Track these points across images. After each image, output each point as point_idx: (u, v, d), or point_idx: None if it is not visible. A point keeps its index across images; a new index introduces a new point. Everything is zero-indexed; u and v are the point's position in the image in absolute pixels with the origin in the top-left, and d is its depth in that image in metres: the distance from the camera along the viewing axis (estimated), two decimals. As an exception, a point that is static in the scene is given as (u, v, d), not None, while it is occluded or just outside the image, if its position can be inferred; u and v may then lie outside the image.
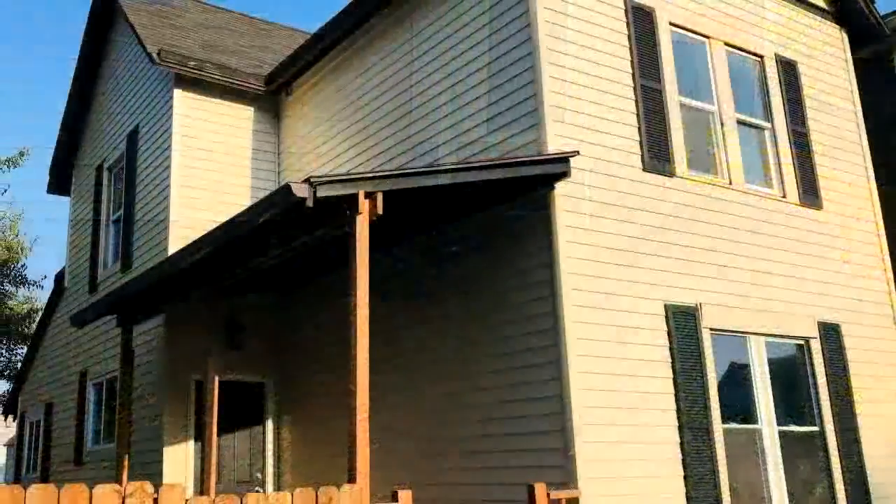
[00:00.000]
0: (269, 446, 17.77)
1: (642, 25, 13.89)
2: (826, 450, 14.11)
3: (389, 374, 14.12)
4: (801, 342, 14.53)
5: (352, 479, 9.56)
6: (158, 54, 17.78)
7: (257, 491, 16.83)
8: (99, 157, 22.57)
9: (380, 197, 10.26)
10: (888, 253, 16.38)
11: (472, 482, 12.69)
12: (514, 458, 12.08)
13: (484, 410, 12.69)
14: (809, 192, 15.45)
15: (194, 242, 12.64)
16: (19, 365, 33.98)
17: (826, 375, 14.49)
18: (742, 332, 13.68)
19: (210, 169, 18.17)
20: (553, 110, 12.41)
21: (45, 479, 23.43)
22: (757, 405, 13.57)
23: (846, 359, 14.87)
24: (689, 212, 13.55)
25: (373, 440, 9.90)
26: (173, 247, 16.83)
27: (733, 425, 13.09)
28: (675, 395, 12.44)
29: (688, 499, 12.05)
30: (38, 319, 31.54)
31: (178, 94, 18.20)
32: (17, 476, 27.69)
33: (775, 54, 15.91)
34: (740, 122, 15.03)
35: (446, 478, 13.13)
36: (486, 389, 12.71)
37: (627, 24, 13.76)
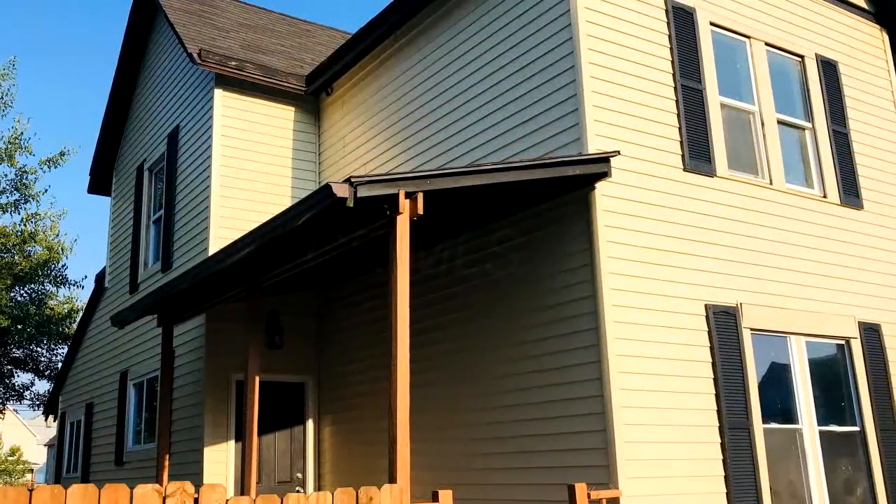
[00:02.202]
0: (310, 446, 17.81)
1: (683, 25, 13.88)
2: (866, 449, 14.06)
3: (428, 373, 14.18)
4: (842, 342, 14.48)
5: (392, 479, 9.56)
6: (199, 54, 17.84)
7: (298, 491, 16.90)
8: (139, 157, 22.69)
9: (420, 197, 10.27)
10: (929, 253, 16.31)
11: (512, 482, 12.71)
12: (553, 458, 12.10)
13: (524, 411, 12.71)
14: (850, 193, 15.40)
15: (235, 242, 12.64)
16: (60, 365, 34.09)
17: (866, 375, 14.43)
18: (782, 333, 13.65)
19: (250, 169, 18.23)
20: (594, 110, 12.42)
21: (85, 479, 23.56)
22: (797, 405, 13.54)
23: (886, 359, 14.81)
24: (729, 212, 13.52)
25: (412, 440, 9.91)
26: (214, 247, 16.95)
27: (774, 425, 13.07)
28: (716, 396, 12.43)
29: (728, 499, 12.05)
30: (78, 319, 31.63)
31: (219, 94, 18.26)
32: (58, 476, 27.71)
33: (816, 54, 15.86)
34: (781, 122, 14.99)
35: (486, 478, 13.15)
36: (525, 390, 12.73)
37: (668, 24, 13.75)
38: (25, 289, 37.91)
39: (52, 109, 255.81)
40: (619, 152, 12.22)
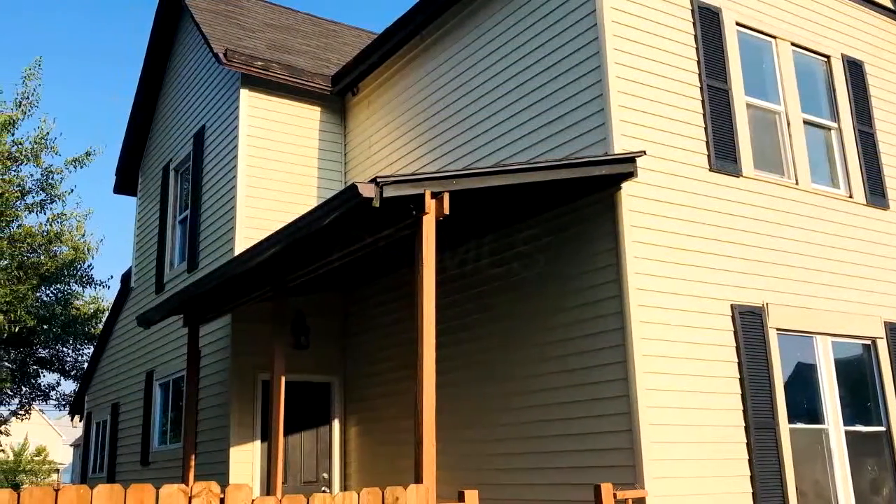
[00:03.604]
0: (336, 446, 17.84)
1: (709, 25, 13.87)
2: (892, 449, 14.03)
3: (454, 374, 14.20)
4: (868, 342, 14.45)
5: (418, 479, 9.56)
6: (225, 54, 17.90)
7: (324, 491, 16.94)
8: (165, 157, 22.79)
9: (446, 197, 10.26)
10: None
11: (538, 482, 12.73)
12: (579, 458, 12.11)
13: (549, 411, 12.73)
14: (876, 193, 15.37)
15: (261, 242, 12.69)
16: (86, 365, 34.18)
17: (892, 375, 14.39)
18: (808, 333, 13.63)
19: (276, 169, 18.27)
20: (620, 110, 12.43)
21: (111, 479, 23.68)
22: (823, 405, 13.52)
23: (913, 359, 14.79)
24: (755, 212, 13.52)
25: (438, 440, 9.93)
26: (240, 247, 16.98)
27: (799, 425, 13.05)
28: (742, 396, 12.43)
29: (754, 499, 12.04)
30: (104, 320, 31.75)
31: (245, 95, 18.31)
32: (84, 476, 27.80)
33: (842, 54, 15.83)
34: (806, 122, 14.96)
35: (511, 478, 13.18)
36: (551, 389, 12.75)
37: (694, 24, 13.75)
38: (51, 289, 37.98)
39: (78, 110, 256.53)
40: (644, 152, 12.23)
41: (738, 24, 14.35)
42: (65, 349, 40.05)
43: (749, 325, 12.80)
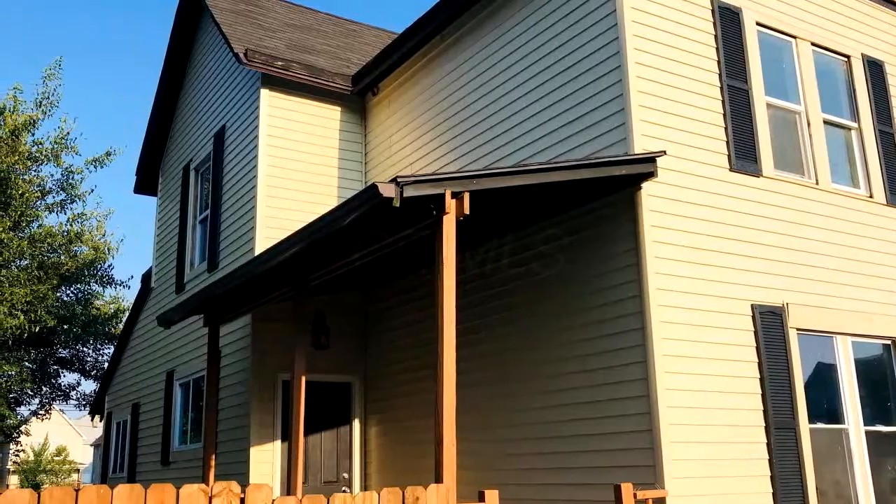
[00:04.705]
0: (356, 446, 17.87)
1: (729, 25, 13.87)
2: (913, 451, 14.03)
3: (474, 373, 14.22)
4: (888, 342, 14.44)
5: (438, 479, 9.57)
6: (245, 54, 17.95)
7: (344, 491, 16.97)
8: (186, 157, 22.86)
9: (466, 197, 10.28)
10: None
11: (557, 482, 12.75)
12: (599, 458, 12.13)
13: (569, 410, 12.74)
14: (897, 192, 15.36)
15: (281, 242, 12.71)
16: (106, 365, 34.26)
17: (913, 376, 14.39)
18: (828, 333, 13.62)
19: (297, 169, 18.31)
20: (640, 110, 12.44)
21: (132, 479, 23.72)
22: (843, 405, 13.52)
23: (934, 359, 14.76)
24: (775, 212, 13.51)
25: (458, 440, 9.94)
26: (260, 247, 17.04)
27: (820, 425, 13.04)
28: (762, 396, 12.43)
29: (774, 499, 12.04)
30: (124, 320, 31.85)
31: (265, 94, 18.35)
32: (104, 476, 27.81)
33: (862, 54, 15.81)
34: (827, 122, 14.95)
35: (531, 478, 13.20)
36: (571, 389, 12.77)
37: (714, 24, 13.75)
38: (72, 289, 38.16)
39: (98, 110, 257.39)
40: (665, 152, 12.23)
41: (758, 23, 14.34)
42: (85, 349, 40.22)
43: (769, 325, 12.79)
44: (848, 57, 15.67)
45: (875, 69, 15.92)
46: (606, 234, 12.56)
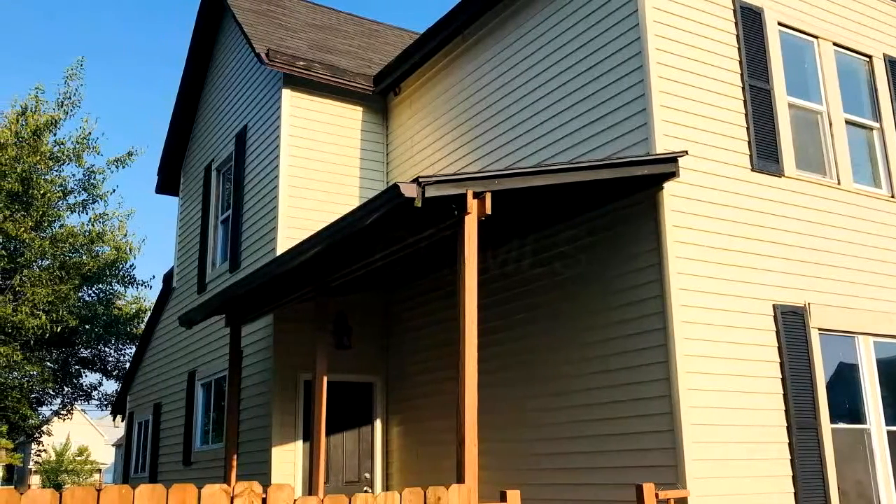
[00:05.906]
0: (378, 446, 17.89)
1: (751, 25, 13.86)
2: (936, 451, 13.98)
3: (496, 374, 14.24)
4: (911, 343, 14.42)
5: (460, 479, 9.56)
6: (267, 54, 17.99)
7: (366, 491, 17.01)
8: (207, 157, 22.92)
9: (488, 197, 10.26)
10: None
11: (579, 482, 12.76)
12: (620, 458, 12.13)
13: (591, 410, 12.75)
14: (919, 193, 15.32)
15: (303, 242, 12.73)
16: (128, 365, 34.35)
17: (936, 377, 14.35)
18: (850, 333, 13.59)
19: (318, 169, 18.35)
20: (661, 110, 12.44)
21: (153, 479, 23.76)
22: (865, 405, 13.48)
23: (956, 360, 14.71)
24: (797, 212, 13.49)
25: (480, 440, 9.95)
26: (282, 247, 17.08)
27: (841, 425, 13.02)
28: (784, 396, 12.41)
29: (796, 499, 12.02)
30: (146, 320, 31.93)
31: (287, 94, 18.39)
32: (126, 476, 27.84)
33: (884, 54, 15.77)
34: (848, 122, 14.92)
35: (552, 478, 13.21)
36: (592, 390, 12.77)
37: (736, 24, 13.74)
38: (93, 289, 38.32)
39: (120, 110, 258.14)
40: (686, 152, 12.23)
41: (780, 23, 14.33)
42: (107, 349, 40.33)
43: (791, 325, 12.78)
44: (870, 57, 15.64)
45: (897, 69, 15.89)
46: (628, 234, 12.56)
